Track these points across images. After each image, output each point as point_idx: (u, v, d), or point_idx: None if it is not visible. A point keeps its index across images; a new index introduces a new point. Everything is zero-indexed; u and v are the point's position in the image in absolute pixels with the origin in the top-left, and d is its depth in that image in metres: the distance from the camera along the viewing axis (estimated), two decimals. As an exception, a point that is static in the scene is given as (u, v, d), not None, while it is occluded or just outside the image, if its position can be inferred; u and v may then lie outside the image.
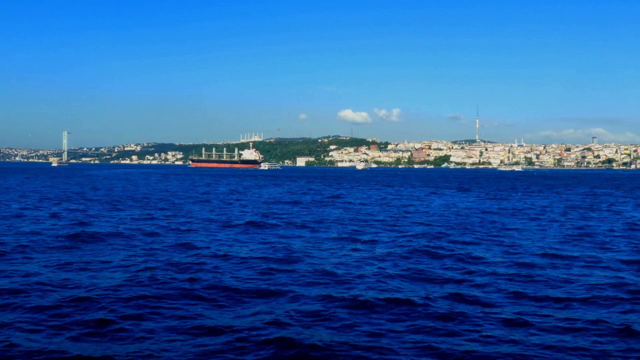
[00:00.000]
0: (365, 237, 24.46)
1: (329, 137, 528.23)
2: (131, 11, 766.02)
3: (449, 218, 33.51)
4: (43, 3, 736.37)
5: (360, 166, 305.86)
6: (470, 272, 16.73)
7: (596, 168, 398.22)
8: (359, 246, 21.84)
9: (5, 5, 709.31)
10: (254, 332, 11.07)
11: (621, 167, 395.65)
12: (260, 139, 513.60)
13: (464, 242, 23.15)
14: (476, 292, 14.26)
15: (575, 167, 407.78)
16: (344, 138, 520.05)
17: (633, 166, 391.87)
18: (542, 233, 26.84)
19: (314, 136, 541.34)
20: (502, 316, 12.16)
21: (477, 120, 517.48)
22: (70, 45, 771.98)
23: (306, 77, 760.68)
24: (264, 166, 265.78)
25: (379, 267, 17.42)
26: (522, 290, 14.49)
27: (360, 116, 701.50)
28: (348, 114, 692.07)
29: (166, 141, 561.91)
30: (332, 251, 20.55)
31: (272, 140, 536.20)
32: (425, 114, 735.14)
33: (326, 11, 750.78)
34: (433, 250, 20.63)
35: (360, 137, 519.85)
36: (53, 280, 14.92)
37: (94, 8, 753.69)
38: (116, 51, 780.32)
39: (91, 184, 78.19)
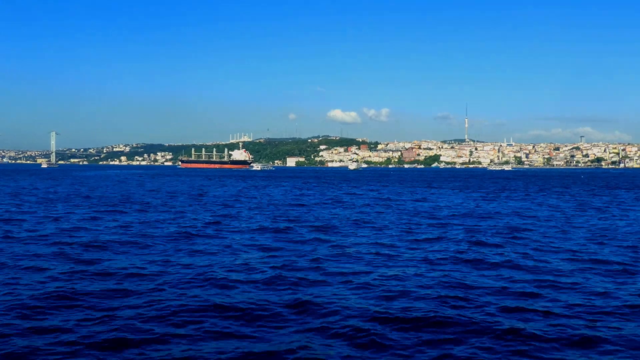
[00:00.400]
0: (385, 241, 23.45)
1: (318, 137, 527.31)
2: (120, 13, 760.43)
3: (464, 219, 32.52)
4: (31, 5, 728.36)
5: (352, 166, 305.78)
6: (516, 281, 15.68)
7: (585, 167, 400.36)
8: (384, 251, 20.74)
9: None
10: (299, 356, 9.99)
11: (610, 166, 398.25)
12: (249, 139, 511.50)
13: (493, 245, 22.16)
14: (537, 303, 13.21)
15: (564, 167, 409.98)
16: (334, 138, 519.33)
17: (622, 165, 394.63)
18: (563, 234, 25.96)
19: (303, 136, 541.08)
20: (577, 332, 11.13)
21: (466, 119, 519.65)
22: (58, 46, 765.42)
23: (295, 78, 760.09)
24: (257, 166, 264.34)
25: (416, 275, 16.33)
26: (583, 303, 13.49)
27: (350, 116, 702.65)
28: (337, 113, 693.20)
29: (155, 142, 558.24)
30: (358, 258, 19.44)
31: (261, 140, 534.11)
32: (414, 113, 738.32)
33: (315, 12, 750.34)
34: (466, 257, 19.56)
35: (350, 137, 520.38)
36: (68, 293, 13.70)
37: (81, 10, 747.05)
38: (104, 52, 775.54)
39: (86, 185, 76.49)
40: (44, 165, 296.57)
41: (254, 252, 20.46)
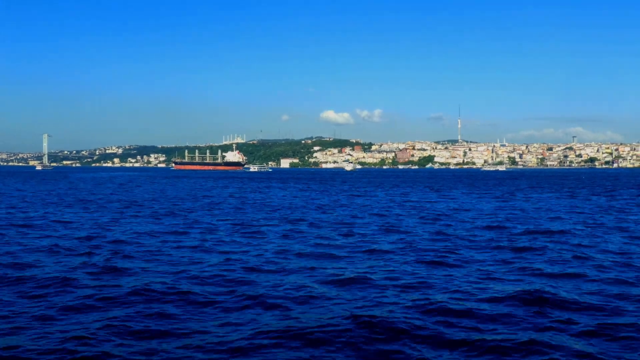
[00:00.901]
0: (423, 246, 22.00)
1: (311, 138, 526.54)
2: (112, 15, 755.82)
3: (495, 223, 31.08)
4: (22, 7, 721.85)
5: (348, 167, 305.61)
6: (594, 292, 14.33)
7: (579, 167, 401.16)
8: (427, 257, 19.28)
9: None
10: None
11: (604, 166, 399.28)
12: (242, 141, 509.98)
13: (537, 249, 20.74)
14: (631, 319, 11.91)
15: (557, 167, 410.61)
16: (328, 139, 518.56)
17: (615, 165, 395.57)
18: (607, 238, 24.70)
19: (296, 137, 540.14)
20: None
21: (459, 120, 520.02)
22: (49, 48, 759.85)
23: (288, 79, 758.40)
24: (253, 168, 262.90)
25: (481, 289, 14.92)
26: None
27: (342, 117, 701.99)
28: (330, 114, 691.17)
29: (148, 143, 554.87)
30: (401, 267, 18.03)
31: (254, 142, 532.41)
32: (407, 114, 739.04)
33: (307, 13, 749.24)
34: (518, 265, 18.17)
35: (343, 138, 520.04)
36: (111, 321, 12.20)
37: (74, 12, 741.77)
38: (95, 54, 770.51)
39: (91, 188, 74.68)
40: (38, 168, 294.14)
41: (293, 262, 18.93)
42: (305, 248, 21.79)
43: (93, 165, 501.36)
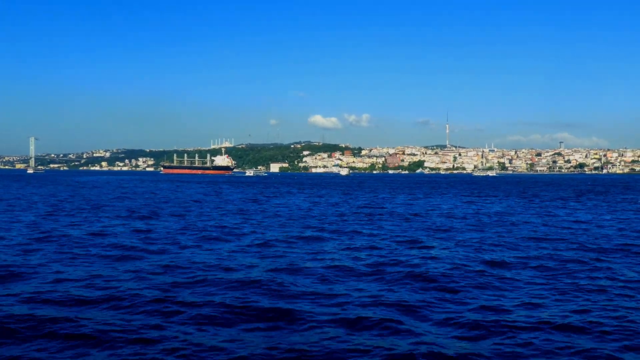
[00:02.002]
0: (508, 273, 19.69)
1: (300, 142, 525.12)
2: (100, 15, 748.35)
3: (568, 234, 28.83)
4: (7, 6, 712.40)
5: (343, 172, 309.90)
6: None
7: (568, 173, 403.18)
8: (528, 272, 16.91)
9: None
10: None
11: (593, 172, 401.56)
12: (231, 145, 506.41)
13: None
14: None
15: (547, 172, 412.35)
16: (317, 144, 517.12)
17: (605, 170, 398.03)
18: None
19: (285, 142, 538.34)
20: None
21: (447, 125, 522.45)
22: (34, 49, 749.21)
23: (275, 83, 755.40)
24: (249, 172, 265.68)
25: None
26: None
27: (330, 121, 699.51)
28: (318, 119, 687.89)
29: (136, 147, 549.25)
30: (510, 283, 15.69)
31: (243, 146, 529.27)
32: (395, 119, 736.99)
33: (293, 17, 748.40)
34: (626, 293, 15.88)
35: (332, 142, 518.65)
36: None
37: (60, 12, 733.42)
38: (82, 55, 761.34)
39: (95, 192, 71.53)
40: (30, 171, 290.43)
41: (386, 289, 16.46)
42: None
43: (81, 168, 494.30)
